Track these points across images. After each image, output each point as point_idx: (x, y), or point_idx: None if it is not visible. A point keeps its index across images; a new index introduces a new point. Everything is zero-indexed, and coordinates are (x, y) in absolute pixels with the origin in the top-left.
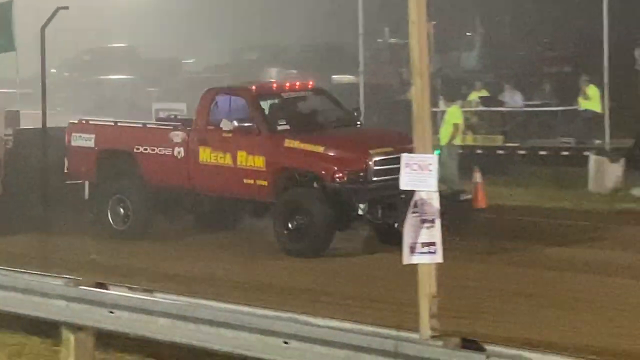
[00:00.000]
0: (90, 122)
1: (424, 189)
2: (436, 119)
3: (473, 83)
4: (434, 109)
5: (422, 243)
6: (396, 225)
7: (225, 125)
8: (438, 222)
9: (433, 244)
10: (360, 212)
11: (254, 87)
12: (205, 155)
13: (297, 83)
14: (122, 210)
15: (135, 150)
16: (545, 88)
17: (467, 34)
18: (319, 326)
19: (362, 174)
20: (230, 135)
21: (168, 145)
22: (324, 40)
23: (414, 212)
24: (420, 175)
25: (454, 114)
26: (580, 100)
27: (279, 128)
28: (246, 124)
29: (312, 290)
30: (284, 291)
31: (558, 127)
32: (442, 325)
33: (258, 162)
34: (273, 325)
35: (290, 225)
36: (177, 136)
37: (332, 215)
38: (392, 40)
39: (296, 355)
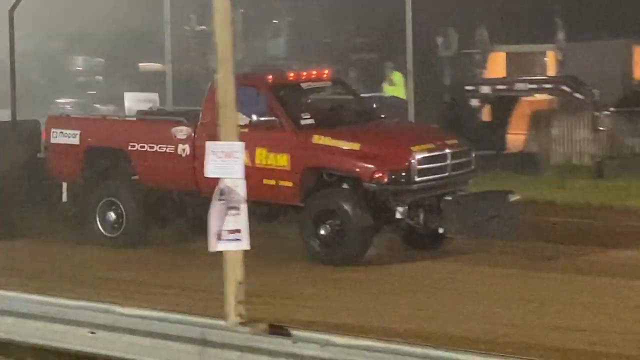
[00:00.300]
0: (74, 116)
1: (230, 177)
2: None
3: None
4: None
5: (228, 230)
6: (441, 230)
7: (239, 119)
8: (244, 209)
9: (239, 230)
10: (399, 216)
11: (270, 77)
12: None
13: (314, 72)
14: (113, 215)
15: (129, 147)
16: (351, 75)
17: (274, 21)
18: (125, 315)
19: (404, 173)
20: (246, 130)
21: (170, 142)
22: (130, 27)
23: (220, 199)
24: (226, 162)
25: None
26: (385, 86)
27: (303, 123)
28: (266, 118)
29: (130, 281)
30: (104, 282)
31: None
32: (252, 312)
33: (281, 160)
34: (79, 316)
35: (322, 231)
36: (181, 132)
37: (369, 219)
38: (199, 27)
39: (103, 345)
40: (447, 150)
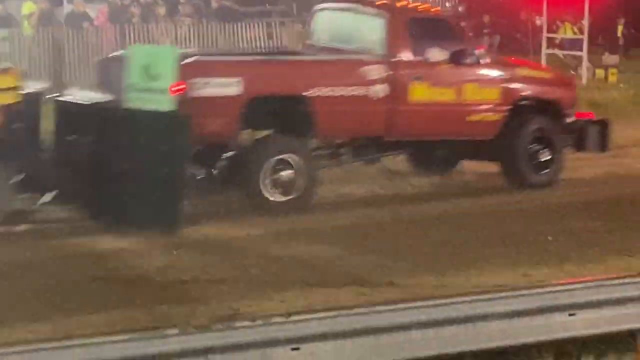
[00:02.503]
0: (226, 59)
1: None
2: None
3: None
4: None
5: None
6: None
7: (436, 55)
8: None
9: None
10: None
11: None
12: (419, 92)
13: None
14: (285, 175)
15: (313, 93)
16: None
17: None
18: None
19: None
20: (452, 67)
21: (361, 83)
22: None
23: None
24: None
25: None
26: None
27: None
28: (476, 52)
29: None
30: None
31: None
32: None
33: (491, 95)
34: None
35: (538, 158)
36: (374, 71)
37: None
38: None
39: None
40: None
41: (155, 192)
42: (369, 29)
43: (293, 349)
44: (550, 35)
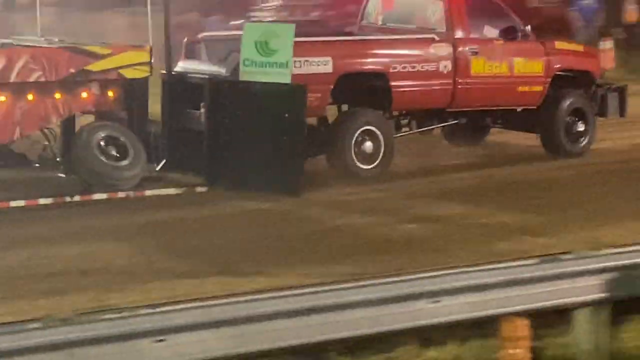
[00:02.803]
0: (320, 39)
1: None
2: None
3: None
4: None
5: None
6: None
7: (490, 32)
8: None
9: None
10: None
11: None
12: (479, 66)
13: None
14: (370, 145)
15: (392, 69)
16: None
17: None
18: None
19: None
20: (503, 42)
21: (431, 59)
22: None
23: None
24: None
25: None
26: None
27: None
28: (522, 29)
29: None
30: None
31: None
32: None
33: (537, 67)
34: None
35: (574, 129)
36: (441, 48)
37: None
38: None
39: None
40: None
41: (282, 158)
42: (429, 10)
43: (158, 341)
44: None
